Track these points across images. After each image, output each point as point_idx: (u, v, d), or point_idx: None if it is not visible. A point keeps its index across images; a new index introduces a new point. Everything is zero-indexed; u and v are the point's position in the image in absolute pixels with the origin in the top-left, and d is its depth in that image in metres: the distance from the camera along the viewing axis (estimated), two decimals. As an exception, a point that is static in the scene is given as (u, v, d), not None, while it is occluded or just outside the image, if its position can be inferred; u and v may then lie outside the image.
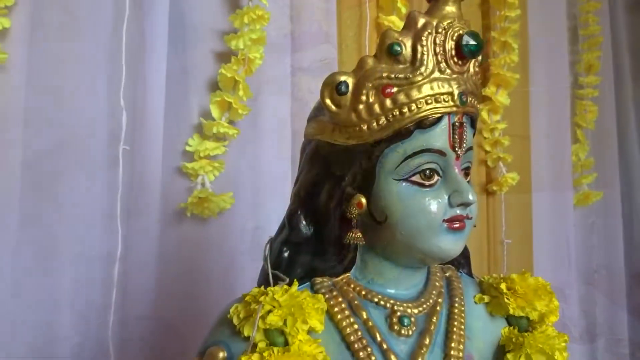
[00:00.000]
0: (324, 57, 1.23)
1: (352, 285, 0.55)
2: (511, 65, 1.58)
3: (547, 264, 1.74)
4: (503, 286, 0.58)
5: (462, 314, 0.56)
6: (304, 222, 0.55)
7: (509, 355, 0.55)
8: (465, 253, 0.64)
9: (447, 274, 0.60)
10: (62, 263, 0.91)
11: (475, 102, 0.54)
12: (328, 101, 0.52)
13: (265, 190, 1.12)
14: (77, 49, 0.94)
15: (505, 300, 0.57)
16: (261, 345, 0.48)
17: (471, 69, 0.53)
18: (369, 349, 0.50)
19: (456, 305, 0.56)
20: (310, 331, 0.49)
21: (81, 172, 0.93)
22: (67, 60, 0.93)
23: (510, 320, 0.59)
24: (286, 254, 0.55)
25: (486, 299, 0.59)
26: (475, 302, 0.59)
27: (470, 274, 0.64)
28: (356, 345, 0.50)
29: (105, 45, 0.95)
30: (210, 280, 1.04)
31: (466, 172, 0.54)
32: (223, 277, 1.04)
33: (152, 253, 0.98)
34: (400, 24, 1.33)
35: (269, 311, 0.47)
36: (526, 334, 0.56)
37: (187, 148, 1.03)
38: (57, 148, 0.93)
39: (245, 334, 0.48)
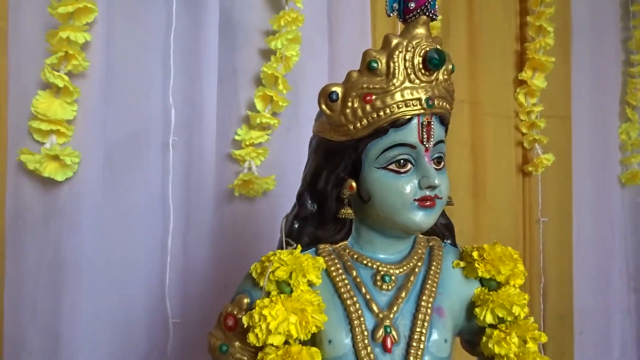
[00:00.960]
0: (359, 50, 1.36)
1: (347, 251, 0.70)
2: (547, 49, 1.62)
3: (588, 242, 1.79)
4: (475, 254, 0.70)
5: (437, 275, 0.69)
6: (309, 201, 0.70)
7: (477, 309, 0.68)
8: (449, 227, 0.77)
9: (431, 244, 0.73)
10: (134, 232, 1.13)
11: (445, 103, 0.66)
12: (323, 106, 0.66)
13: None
14: (141, 56, 1.14)
15: (476, 265, 0.70)
16: (273, 293, 0.64)
17: (440, 77, 0.65)
18: (355, 299, 0.65)
19: (433, 268, 0.69)
20: (311, 284, 0.65)
21: (146, 158, 1.14)
22: (134, 65, 1.13)
23: (482, 282, 0.71)
24: (296, 226, 0.70)
25: (462, 264, 0.72)
26: (453, 267, 0.72)
27: (454, 245, 0.77)
28: (345, 295, 0.65)
29: (161, 51, 1.15)
30: (257, 250, 1.22)
31: (438, 160, 0.67)
32: (267, 248, 1.22)
33: (208, 225, 1.17)
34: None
35: (278, 268, 0.63)
36: (492, 292, 0.69)
37: (236, 137, 1.20)
38: (128, 139, 1.14)
39: (261, 284, 0.64)
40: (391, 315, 0.64)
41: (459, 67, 1.51)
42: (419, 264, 0.70)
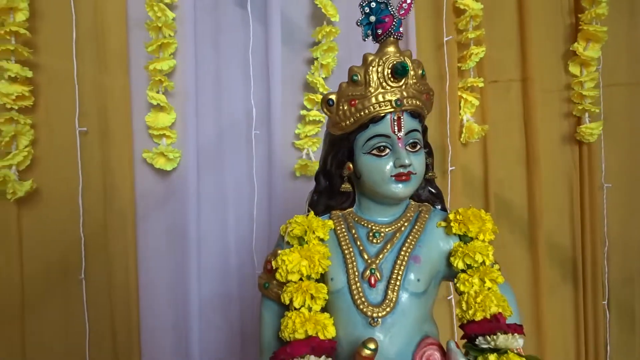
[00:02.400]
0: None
1: (351, 215, 0.94)
2: (601, 19, 1.66)
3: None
4: (451, 215, 0.90)
5: (419, 232, 0.90)
6: (322, 179, 0.95)
7: (451, 258, 0.88)
8: (438, 195, 0.97)
9: (420, 209, 0.94)
10: (228, 205, 1.48)
11: (415, 101, 0.87)
12: (325, 109, 0.90)
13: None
14: (224, 72, 1.46)
15: (452, 224, 0.89)
16: (295, 245, 0.90)
17: (410, 82, 0.86)
18: (351, 249, 0.89)
19: (416, 227, 0.91)
20: (321, 239, 0.90)
21: (236, 148, 1.47)
22: (219, 80, 1.46)
23: (460, 238, 0.90)
24: (315, 198, 0.96)
25: (443, 224, 0.92)
26: (437, 226, 0.92)
27: (444, 209, 0.97)
28: (344, 247, 0.89)
29: (240, 64, 1.45)
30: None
31: (412, 145, 0.88)
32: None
33: (281, 198, 1.47)
34: (474, 5, 1.57)
35: (294, 227, 0.89)
36: (463, 244, 0.88)
37: (297, 131, 1.48)
38: (222, 135, 1.47)
39: (286, 240, 0.91)
40: (377, 261, 0.87)
41: (509, 47, 1.64)
42: (406, 224, 0.91)
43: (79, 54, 1.35)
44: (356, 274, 0.87)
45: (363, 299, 0.85)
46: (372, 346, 0.76)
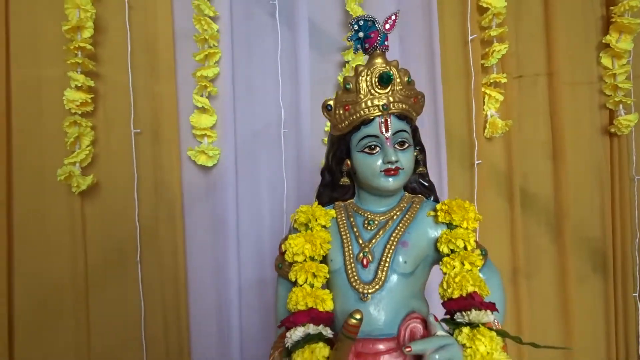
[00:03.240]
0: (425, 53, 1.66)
1: (352, 205, 1.06)
2: (634, 10, 1.66)
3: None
4: (438, 206, 1.00)
5: (409, 221, 1.00)
6: (327, 175, 1.08)
7: (437, 244, 0.99)
8: (430, 187, 1.07)
9: (413, 200, 1.05)
10: (261, 198, 1.63)
11: (402, 105, 0.97)
12: (325, 114, 1.03)
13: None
14: (258, 76, 1.62)
15: (438, 213, 1.00)
16: (302, 231, 1.04)
17: (396, 88, 0.97)
18: (348, 235, 1.01)
19: (407, 215, 1.01)
20: (324, 226, 1.03)
21: (268, 145, 1.62)
22: (254, 83, 1.62)
23: (448, 226, 1.00)
24: (320, 190, 1.09)
25: (432, 213, 1.02)
26: (427, 215, 1.02)
27: (436, 200, 1.07)
28: (342, 233, 1.02)
29: (272, 69, 1.60)
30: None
31: (401, 143, 0.98)
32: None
33: (308, 191, 1.61)
34: (497, 3, 1.63)
35: (299, 216, 1.03)
36: (449, 231, 0.99)
37: (326, 129, 1.61)
38: (256, 134, 1.63)
39: (294, 226, 1.05)
40: (370, 245, 0.99)
41: (535, 42, 1.69)
42: (398, 213, 1.02)
43: (133, 64, 1.56)
44: (351, 256, 0.99)
45: (356, 278, 0.97)
46: (357, 316, 0.88)
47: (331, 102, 1.02)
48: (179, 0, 1.59)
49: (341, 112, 1.00)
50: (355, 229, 1.02)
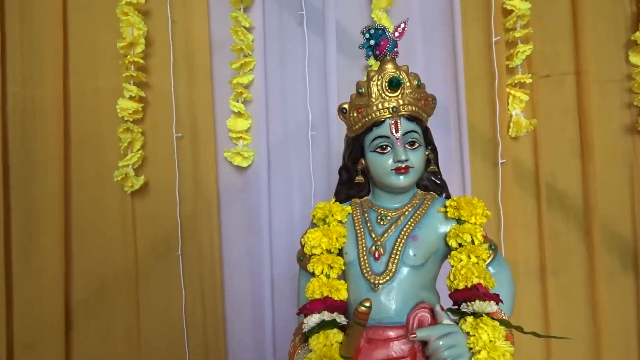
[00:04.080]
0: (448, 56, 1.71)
1: (367, 202, 1.13)
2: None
3: None
4: (447, 202, 1.07)
5: (420, 216, 1.07)
6: (344, 174, 1.15)
7: (447, 238, 1.05)
8: (441, 185, 1.13)
9: (426, 197, 1.11)
10: (292, 196, 1.74)
11: (412, 107, 1.04)
12: (340, 116, 1.11)
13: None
14: (288, 81, 1.72)
15: (448, 209, 1.06)
16: (320, 225, 1.12)
17: (406, 91, 1.04)
18: (362, 229, 1.08)
19: (418, 211, 1.08)
20: (340, 221, 1.11)
21: (297, 147, 1.72)
22: (284, 88, 1.72)
23: (458, 222, 1.06)
24: (338, 188, 1.17)
25: (443, 209, 1.08)
26: (438, 211, 1.08)
27: (448, 197, 1.13)
28: (357, 227, 1.09)
29: (301, 75, 1.70)
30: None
31: (411, 143, 1.05)
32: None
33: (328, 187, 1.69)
34: (521, 5, 1.66)
35: (317, 211, 1.12)
36: (458, 225, 1.04)
37: (351, 131, 1.69)
38: (286, 137, 1.73)
39: (313, 221, 1.14)
40: (382, 239, 1.06)
41: (561, 41, 1.71)
42: (410, 209, 1.09)
43: (175, 73, 1.69)
44: (364, 249, 1.07)
45: (368, 269, 1.04)
46: (367, 304, 0.96)
47: (346, 106, 1.10)
48: (215, 14, 1.72)
49: (355, 114, 1.08)
50: (369, 224, 1.09)
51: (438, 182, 1.14)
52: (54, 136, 1.67)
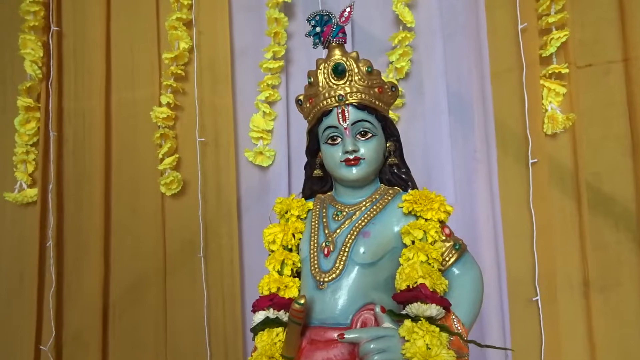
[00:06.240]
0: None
1: (329, 197, 1.08)
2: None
3: None
4: (404, 196, 0.98)
5: (375, 212, 0.99)
6: (308, 169, 1.11)
7: (400, 231, 0.96)
8: (407, 178, 1.04)
9: (388, 191, 1.03)
10: None
11: (362, 95, 0.98)
12: (298, 108, 1.08)
13: (429, 152, 1.60)
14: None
15: (404, 204, 0.97)
16: (282, 221, 1.09)
17: (355, 78, 0.98)
18: (317, 225, 1.03)
19: (375, 207, 1.00)
20: (299, 216, 1.07)
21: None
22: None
23: (417, 218, 0.97)
24: (304, 184, 1.13)
25: (401, 204, 0.99)
26: (397, 207, 1.00)
27: (415, 191, 1.04)
28: (313, 223, 1.04)
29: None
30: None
31: (362, 133, 0.99)
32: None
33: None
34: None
35: (276, 206, 1.09)
36: (411, 222, 0.95)
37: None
38: (303, 137, 1.71)
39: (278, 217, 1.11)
40: (334, 235, 1.00)
41: (606, 27, 1.52)
42: (368, 204, 1.02)
43: (199, 80, 1.76)
44: (315, 245, 1.02)
45: (316, 266, 0.99)
46: (301, 301, 0.91)
47: (301, 97, 1.06)
48: (237, 22, 1.77)
49: (307, 105, 1.04)
50: (324, 220, 1.04)
51: (403, 176, 1.05)
52: (98, 146, 1.82)
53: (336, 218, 1.03)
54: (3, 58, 1.89)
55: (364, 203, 1.03)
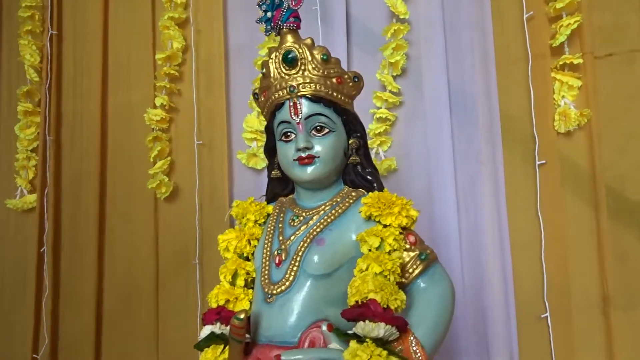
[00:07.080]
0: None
1: (289, 201, 0.98)
2: None
3: None
4: (364, 199, 0.87)
5: (333, 216, 0.89)
6: (269, 169, 1.01)
7: (356, 237, 0.85)
8: (372, 180, 0.92)
9: (351, 194, 0.92)
10: None
11: (316, 86, 0.88)
12: (255, 102, 0.99)
13: (429, 154, 1.47)
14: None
15: (362, 208, 0.86)
16: (241, 226, 1.00)
17: (309, 67, 0.88)
18: (272, 231, 0.94)
19: (333, 211, 0.90)
20: (256, 221, 0.98)
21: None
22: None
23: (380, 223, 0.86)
24: (267, 185, 1.03)
25: (361, 208, 0.88)
26: (358, 212, 0.89)
27: (380, 194, 0.92)
28: (268, 229, 0.95)
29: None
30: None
31: (318, 129, 0.88)
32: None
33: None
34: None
35: (233, 210, 1.00)
36: (368, 229, 0.84)
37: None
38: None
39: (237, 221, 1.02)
40: (288, 242, 0.90)
41: (629, 12, 1.36)
42: (327, 208, 0.91)
43: (195, 82, 1.70)
44: (268, 253, 0.92)
45: (266, 277, 0.90)
46: (240, 316, 0.82)
47: (257, 90, 0.97)
48: (232, 20, 1.70)
49: (262, 99, 0.95)
50: (280, 225, 0.95)
51: (368, 176, 0.94)
52: (94, 148, 1.79)
53: (292, 223, 0.93)
54: (8, 63, 1.90)
55: (323, 207, 0.92)
